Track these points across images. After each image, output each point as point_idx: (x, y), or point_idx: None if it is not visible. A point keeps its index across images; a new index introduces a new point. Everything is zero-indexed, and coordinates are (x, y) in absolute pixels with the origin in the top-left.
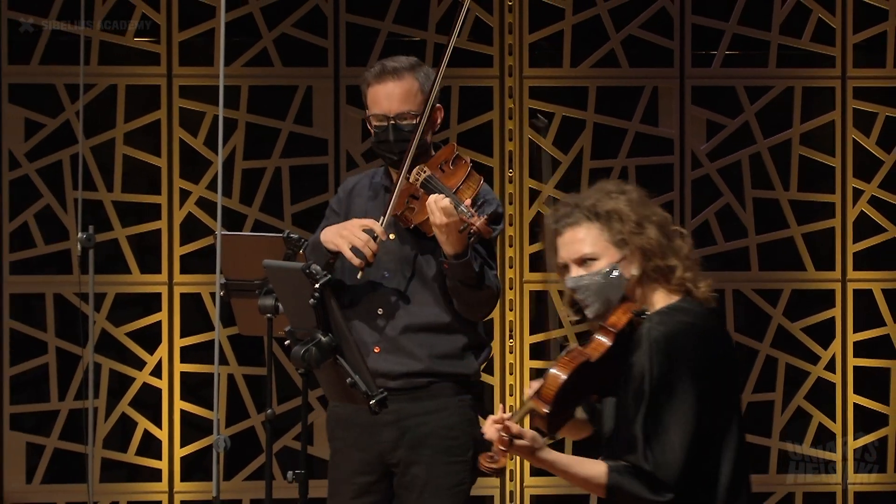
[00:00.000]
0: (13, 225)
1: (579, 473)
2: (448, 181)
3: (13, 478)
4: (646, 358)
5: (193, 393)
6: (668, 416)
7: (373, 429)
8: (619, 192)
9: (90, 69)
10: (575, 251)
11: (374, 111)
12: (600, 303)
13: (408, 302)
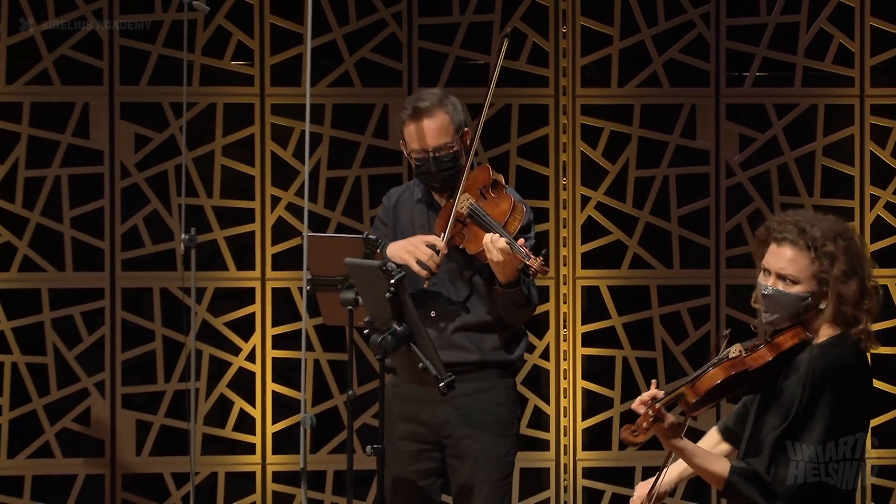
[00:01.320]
0: (125, 227)
1: (705, 465)
2: (493, 211)
3: (125, 451)
4: (800, 385)
5: (283, 376)
6: (801, 445)
7: (428, 405)
8: (844, 239)
9: (192, 89)
10: (781, 266)
11: (414, 147)
12: (779, 317)
13: (457, 305)
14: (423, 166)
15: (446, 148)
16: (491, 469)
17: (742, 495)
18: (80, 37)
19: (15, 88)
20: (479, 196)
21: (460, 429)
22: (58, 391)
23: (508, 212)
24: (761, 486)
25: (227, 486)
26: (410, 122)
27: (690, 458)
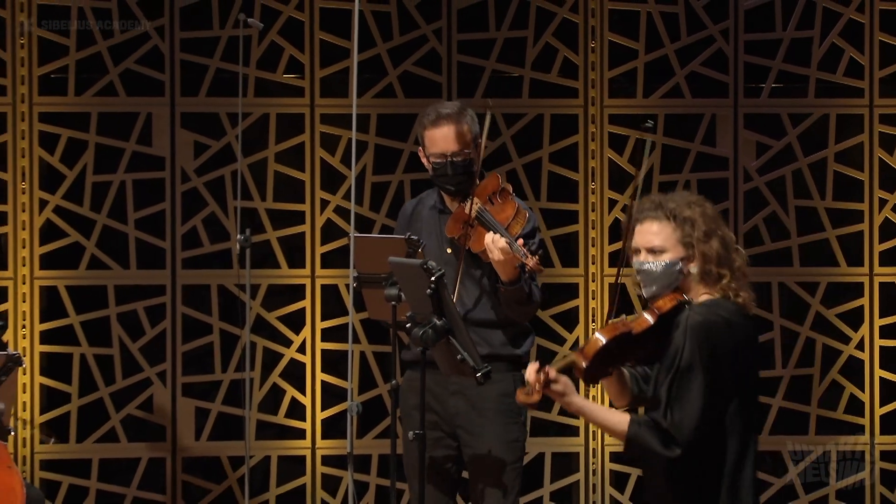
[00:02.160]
0: (184, 228)
1: (604, 420)
2: (499, 216)
3: (185, 435)
4: (682, 338)
5: (331, 366)
6: (689, 389)
7: (442, 396)
8: (698, 205)
9: (247, 101)
10: (648, 241)
11: (433, 151)
12: (657, 287)
13: (465, 304)
14: (441, 170)
15: (463, 154)
16: (502, 454)
17: (643, 446)
18: (143, 51)
19: (84, 100)
20: (488, 201)
21: (472, 417)
22: (123, 380)
23: (512, 216)
24: (660, 434)
25: (279, 469)
26: (433, 128)
27: (590, 415)
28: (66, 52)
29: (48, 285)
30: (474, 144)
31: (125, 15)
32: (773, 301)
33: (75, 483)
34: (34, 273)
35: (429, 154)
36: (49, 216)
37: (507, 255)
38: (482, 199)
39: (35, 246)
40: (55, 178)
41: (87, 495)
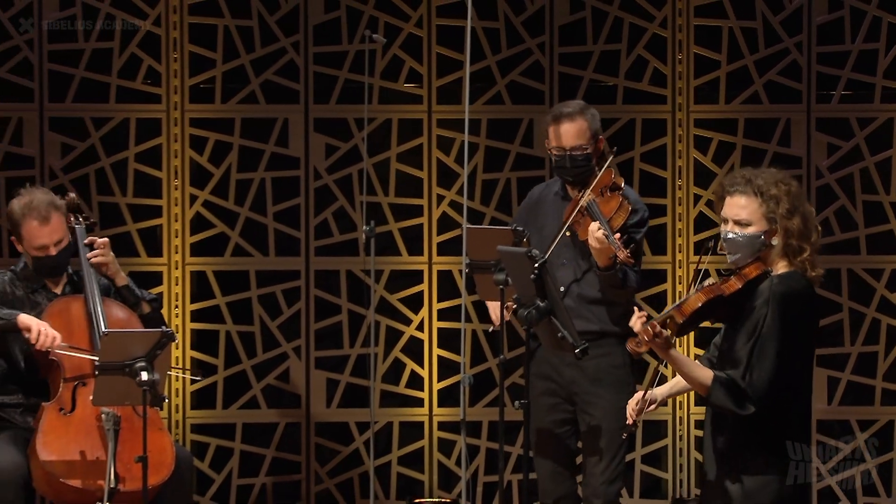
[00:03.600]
0: (317, 220)
1: (692, 373)
2: (604, 207)
3: (317, 403)
4: (765, 306)
5: (447, 343)
6: (768, 354)
7: (559, 367)
8: (784, 183)
9: (372, 107)
10: (735, 213)
11: (554, 145)
12: (741, 256)
13: (580, 283)
14: (560, 162)
15: (581, 149)
16: (613, 419)
17: (720, 401)
18: (281, 64)
19: (229, 107)
20: (599, 194)
21: (586, 386)
22: (263, 354)
23: (615, 209)
24: (736, 394)
25: (400, 433)
26: (554, 123)
27: (681, 367)
28: (214, 64)
29: (198, 270)
30: (593, 140)
31: (266, 33)
32: (843, 286)
33: (221, 444)
34: (185, 260)
35: (551, 147)
36: (198, 209)
37: (603, 245)
38: (595, 191)
39: (186, 236)
40: (204, 176)
41: (231, 455)
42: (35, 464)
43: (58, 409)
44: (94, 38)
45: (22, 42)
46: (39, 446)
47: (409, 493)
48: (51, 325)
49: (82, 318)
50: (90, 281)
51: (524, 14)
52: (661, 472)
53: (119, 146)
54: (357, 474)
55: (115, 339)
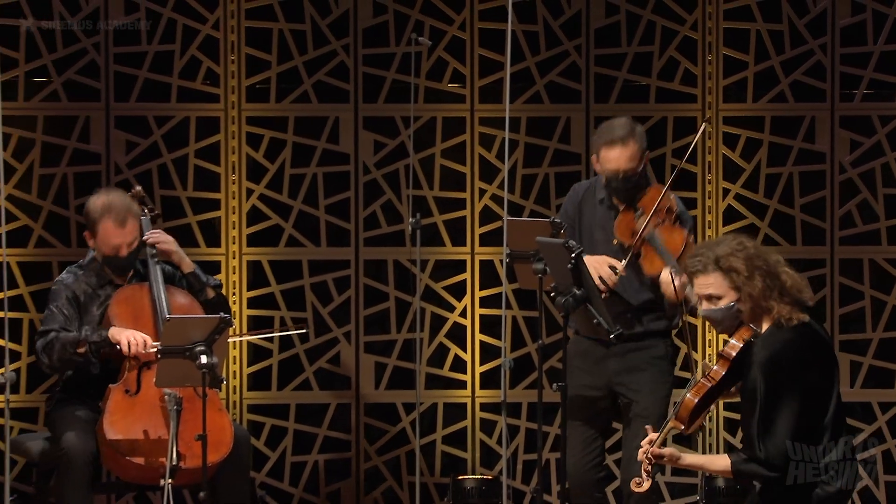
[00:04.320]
0: (366, 212)
1: (713, 467)
2: (668, 241)
3: (366, 385)
4: (757, 377)
5: (488, 328)
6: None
7: (603, 360)
8: (740, 250)
9: (418, 106)
10: (704, 290)
11: (607, 167)
12: (723, 327)
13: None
14: (614, 183)
15: (633, 170)
16: (652, 408)
17: (750, 475)
18: (332, 66)
19: (283, 106)
20: (657, 219)
21: (629, 376)
22: (315, 339)
23: (681, 248)
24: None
25: (444, 414)
26: (607, 148)
27: (702, 467)
28: (269, 66)
29: (254, 260)
30: (641, 157)
31: (318, 36)
32: (865, 275)
33: (276, 424)
34: (242, 250)
35: (603, 169)
36: (254, 202)
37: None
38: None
39: (243, 227)
40: (259, 171)
41: (285, 434)
42: (102, 442)
43: (124, 391)
44: (157, 40)
45: (89, 45)
46: (106, 425)
47: (453, 470)
48: (117, 310)
49: (147, 304)
50: (154, 269)
51: (562, 18)
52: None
53: (180, 143)
54: (404, 452)
55: (176, 324)
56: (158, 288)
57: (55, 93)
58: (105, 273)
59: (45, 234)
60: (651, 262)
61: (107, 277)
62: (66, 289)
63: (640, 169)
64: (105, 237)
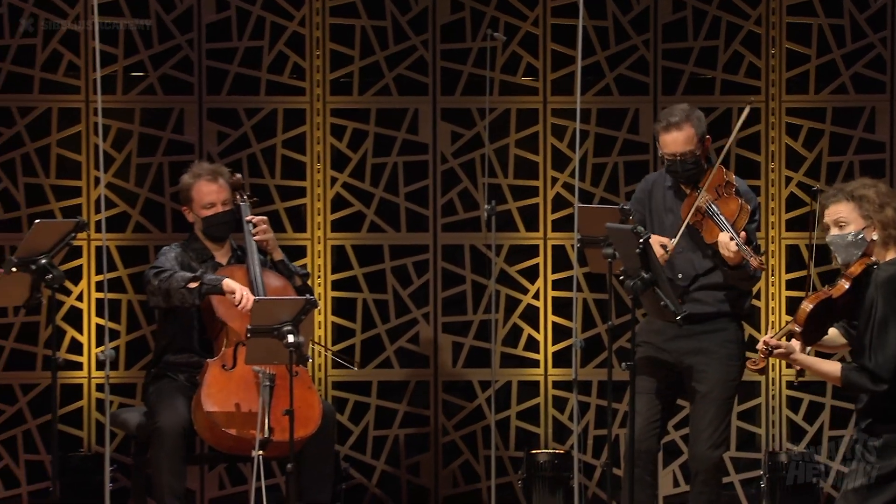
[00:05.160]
0: (444, 200)
1: (822, 370)
2: (724, 209)
3: (444, 363)
4: (874, 293)
5: (560, 310)
6: (886, 334)
7: (674, 339)
8: (871, 185)
9: (493, 98)
10: (833, 217)
11: (665, 150)
12: (845, 255)
13: (697, 270)
14: (672, 166)
15: (690, 154)
16: (721, 389)
17: (856, 385)
18: (411, 60)
19: (365, 98)
20: (715, 194)
21: (698, 357)
22: (395, 320)
23: (737, 212)
24: (868, 374)
25: (518, 391)
26: (664, 132)
27: (811, 367)
28: (352, 60)
29: (337, 245)
30: (700, 143)
31: (398, 32)
32: None
33: (359, 400)
34: (327, 235)
35: (662, 153)
36: (338, 190)
37: (736, 255)
38: (710, 191)
39: (327, 214)
40: (343, 160)
41: (367, 410)
42: (199, 413)
43: (221, 366)
44: (247, 37)
45: (184, 41)
46: (204, 398)
47: (526, 444)
48: None
49: (244, 284)
50: (252, 252)
51: (631, 13)
52: (755, 428)
53: (268, 134)
54: (480, 427)
55: (265, 305)
56: (255, 270)
57: (151, 87)
58: (206, 250)
59: (142, 219)
60: (710, 231)
61: (207, 253)
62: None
63: (699, 152)
64: (200, 197)
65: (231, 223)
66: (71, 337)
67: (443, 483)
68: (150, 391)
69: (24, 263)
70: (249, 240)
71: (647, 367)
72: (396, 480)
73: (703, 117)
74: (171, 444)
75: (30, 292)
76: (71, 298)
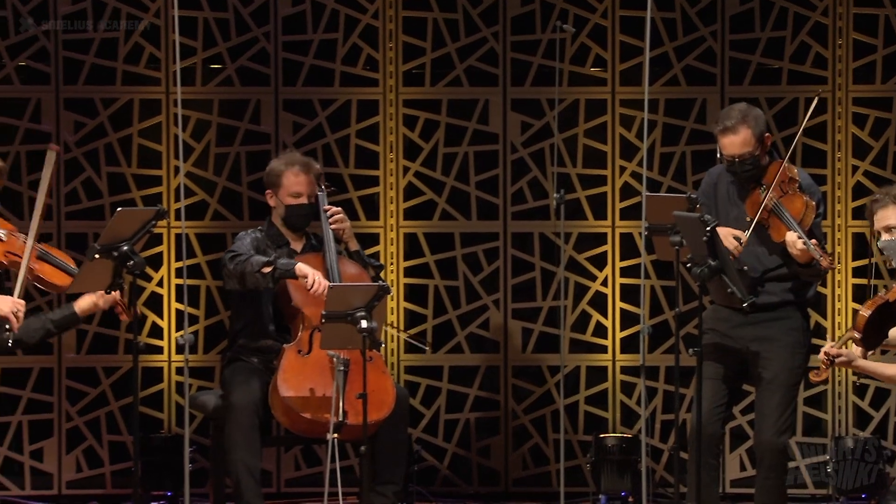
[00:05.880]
0: (513, 188)
1: (885, 374)
2: (790, 207)
3: (514, 349)
4: None
5: (628, 297)
6: None
7: (739, 327)
8: None
9: (562, 89)
10: (884, 223)
11: (724, 152)
12: None
13: (764, 264)
14: (731, 167)
15: (748, 154)
16: (786, 376)
17: None
18: (482, 52)
19: (436, 89)
20: (780, 191)
21: (763, 345)
22: (466, 306)
23: (803, 210)
24: None
25: (587, 376)
26: (721, 136)
27: (874, 372)
28: (424, 52)
29: (410, 232)
30: (759, 143)
31: (469, 25)
32: None
33: (431, 384)
34: (399, 223)
35: (721, 154)
36: (410, 179)
37: (804, 253)
38: (776, 189)
39: (400, 202)
40: (415, 150)
41: (439, 394)
42: (275, 397)
43: (297, 351)
44: (322, 29)
45: (260, 34)
46: (280, 382)
47: (595, 428)
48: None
49: (321, 271)
50: (328, 240)
51: (698, 5)
52: (821, 413)
53: (342, 124)
54: (549, 412)
55: (339, 291)
56: (332, 257)
57: (229, 78)
58: (282, 237)
59: (219, 207)
60: (777, 230)
61: (284, 240)
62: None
63: (757, 153)
64: (288, 186)
65: (311, 216)
66: (152, 322)
67: (512, 466)
68: (226, 374)
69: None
70: (327, 229)
71: (714, 354)
72: (467, 463)
73: (762, 116)
74: (244, 420)
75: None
76: (152, 284)
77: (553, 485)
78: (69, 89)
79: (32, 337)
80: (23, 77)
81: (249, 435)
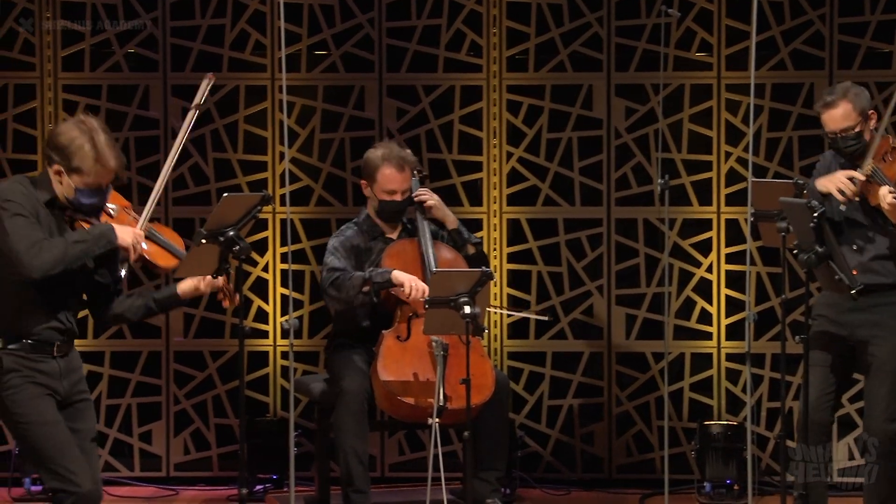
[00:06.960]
0: (617, 174)
1: None
2: (888, 172)
3: (617, 335)
4: None
5: (733, 283)
6: None
7: (848, 312)
8: None
9: (667, 74)
10: None
11: (827, 129)
12: None
13: (873, 240)
14: (834, 144)
15: (849, 130)
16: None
17: None
18: (586, 37)
19: (540, 75)
20: (881, 160)
21: (873, 330)
22: (569, 292)
23: None
24: None
25: (691, 363)
26: (823, 111)
27: None
28: (528, 38)
29: (513, 218)
30: (862, 118)
31: (573, 9)
32: None
33: (533, 370)
34: (503, 209)
35: (826, 130)
36: (514, 165)
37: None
38: (877, 158)
39: (503, 188)
40: (518, 135)
41: (542, 380)
42: (376, 383)
43: (395, 337)
44: (426, 16)
45: (364, 21)
46: (380, 368)
47: (700, 416)
48: (389, 263)
49: (416, 258)
50: (422, 226)
51: None
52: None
53: (445, 110)
54: (653, 398)
55: (442, 277)
56: (426, 243)
57: (334, 65)
58: (377, 227)
59: (324, 193)
60: (874, 194)
61: (379, 230)
62: (347, 240)
63: (859, 128)
64: (384, 182)
65: (405, 211)
66: (257, 306)
67: (616, 452)
68: (333, 359)
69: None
70: (420, 213)
71: (822, 341)
72: (570, 449)
73: (864, 93)
74: (355, 406)
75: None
76: (257, 269)
77: (657, 472)
78: (176, 76)
79: (135, 314)
80: (132, 64)
81: (359, 420)
